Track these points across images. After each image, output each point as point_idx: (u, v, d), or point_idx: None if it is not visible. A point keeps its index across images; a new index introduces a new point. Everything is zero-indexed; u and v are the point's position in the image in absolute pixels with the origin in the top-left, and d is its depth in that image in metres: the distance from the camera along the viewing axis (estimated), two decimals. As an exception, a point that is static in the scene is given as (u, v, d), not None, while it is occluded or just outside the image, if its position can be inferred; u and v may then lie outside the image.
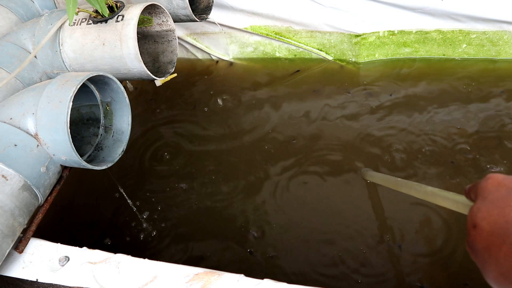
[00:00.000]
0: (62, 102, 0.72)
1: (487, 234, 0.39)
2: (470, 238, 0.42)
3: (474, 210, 0.43)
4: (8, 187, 0.70)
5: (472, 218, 0.42)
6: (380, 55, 1.47)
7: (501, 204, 0.40)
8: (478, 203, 0.43)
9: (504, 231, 0.38)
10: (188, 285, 0.65)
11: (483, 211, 0.41)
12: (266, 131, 1.35)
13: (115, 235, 1.17)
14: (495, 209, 0.40)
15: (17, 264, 0.75)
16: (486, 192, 0.43)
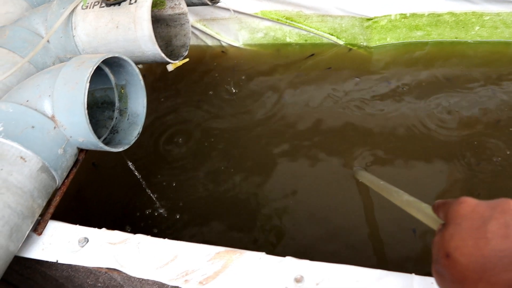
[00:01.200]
0: (79, 83, 0.72)
1: (461, 267, 0.38)
2: (441, 266, 0.40)
3: (446, 237, 0.41)
4: (27, 169, 0.70)
5: (445, 246, 0.40)
6: (392, 39, 1.45)
7: (476, 235, 0.38)
8: (451, 229, 0.41)
9: (481, 267, 0.36)
10: (209, 263, 0.65)
11: (456, 240, 0.39)
12: (276, 116, 1.34)
13: (130, 222, 1.17)
14: (470, 239, 0.38)
15: (36, 246, 0.75)
16: (459, 218, 0.41)
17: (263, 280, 0.62)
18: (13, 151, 0.69)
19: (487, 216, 0.39)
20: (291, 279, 0.62)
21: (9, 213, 0.66)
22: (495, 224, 0.38)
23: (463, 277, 0.37)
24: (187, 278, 0.65)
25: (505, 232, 0.37)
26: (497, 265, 0.35)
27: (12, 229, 0.67)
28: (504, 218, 0.38)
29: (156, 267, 0.67)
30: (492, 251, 0.36)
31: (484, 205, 0.41)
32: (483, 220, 0.39)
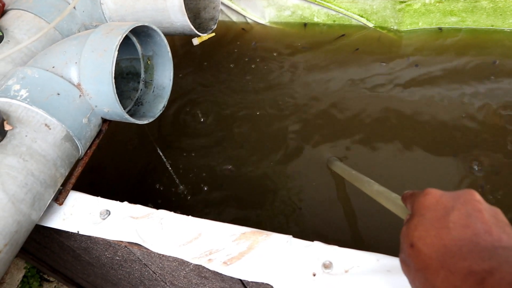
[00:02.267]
0: (107, 51, 0.69)
1: (424, 256, 0.39)
2: (407, 256, 0.41)
3: (411, 227, 0.42)
4: (51, 137, 0.69)
5: (409, 236, 0.41)
6: (424, 23, 1.40)
7: (439, 224, 0.39)
8: (415, 220, 0.42)
9: (442, 255, 0.37)
10: (234, 243, 0.63)
11: (420, 230, 0.41)
12: (300, 98, 1.31)
13: (150, 197, 1.16)
14: (433, 230, 0.39)
15: (57, 215, 0.74)
16: (423, 209, 0.42)
17: (290, 264, 0.60)
18: (38, 118, 0.67)
19: (450, 207, 0.40)
20: (319, 264, 0.60)
21: (32, 181, 0.64)
22: (456, 214, 0.39)
23: (425, 265, 0.38)
24: (211, 258, 0.63)
25: (466, 221, 0.38)
26: (456, 254, 0.36)
27: (35, 197, 0.65)
28: (466, 208, 0.39)
29: (179, 244, 0.65)
30: (453, 241, 0.37)
31: (448, 196, 0.42)
32: (446, 211, 0.40)
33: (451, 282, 0.35)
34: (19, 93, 0.68)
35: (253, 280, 0.61)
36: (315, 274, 0.59)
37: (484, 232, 0.37)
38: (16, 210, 0.62)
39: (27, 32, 0.84)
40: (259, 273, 0.61)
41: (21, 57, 0.81)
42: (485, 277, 0.33)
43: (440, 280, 0.36)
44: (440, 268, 0.37)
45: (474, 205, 0.40)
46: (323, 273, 0.59)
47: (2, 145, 0.63)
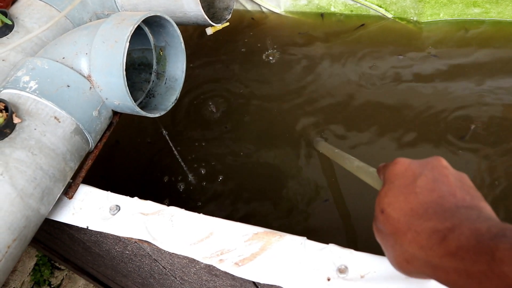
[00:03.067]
0: (118, 42, 0.67)
1: (393, 220, 0.41)
2: (378, 222, 0.44)
3: (382, 195, 0.44)
4: (61, 130, 0.67)
5: (380, 203, 0.43)
6: (446, 15, 1.34)
7: (407, 190, 0.41)
8: (386, 188, 0.44)
9: (409, 218, 0.39)
10: (246, 244, 0.61)
11: (389, 197, 0.43)
12: (307, 88, 1.28)
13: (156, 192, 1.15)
14: (401, 195, 0.42)
15: (66, 209, 0.73)
16: (393, 177, 0.44)
17: (304, 267, 0.58)
18: (47, 111, 0.66)
19: (418, 173, 0.42)
20: (334, 268, 0.57)
21: (41, 175, 0.63)
22: (424, 179, 0.41)
23: (395, 229, 0.40)
24: (222, 258, 0.61)
25: (432, 186, 0.40)
26: (422, 216, 0.38)
27: (44, 192, 0.64)
28: (433, 173, 0.42)
29: (190, 243, 0.63)
30: (419, 204, 0.39)
31: (416, 163, 0.44)
32: (414, 177, 0.42)
33: (417, 242, 0.38)
34: (28, 85, 0.66)
35: (265, 283, 0.59)
36: (330, 279, 0.57)
37: (448, 194, 0.39)
38: (25, 205, 0.61)
39: (38, 20, 0.82)
40: (272, 276, 0.59)
41: (31, 47, 0.79)
42: (446, 234, 0.35)
43: (408, 241, 0.39)
44: (407, 230, 0.39)
45: (441, 170, 0.42)
46: (338, 277, 0.57)
47: (10, 138, 0.62)
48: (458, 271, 0.33)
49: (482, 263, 0.31)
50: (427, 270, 0.37)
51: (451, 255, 0.34)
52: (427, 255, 0.36)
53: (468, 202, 0.39)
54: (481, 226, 0.34)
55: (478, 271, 0.31)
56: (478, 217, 0.36)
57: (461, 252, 0.33)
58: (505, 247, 0.30)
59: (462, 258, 0.33)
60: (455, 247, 0.34)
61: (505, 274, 0.29)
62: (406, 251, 0.39)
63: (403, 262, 0.40)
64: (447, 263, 0.34)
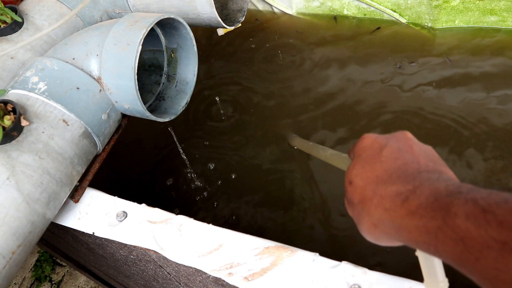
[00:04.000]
0: (131, 44, 0.65)
1: (360, 188, 0.43)
2: (348, 193, 0.45)
3: (350, 168, 0.46)
4: (69, 133, 0.65)
5: (349, 175, 0.45)
6: (461, 22, 1.32)
7: (372, 160, 0.43)
8: (354, 161, 0.46)
9: (375, 185, 0.41)
10: (257, 258, 0.60)
11: (357, 168, 0.44)
12: (322, 93, 1.26)
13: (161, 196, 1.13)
14: (367, 165, 0.43)
15: (72, 214, 0.71)
16: (360, 151, 0.46)
17: (316, 285, 0.56)
18: (55, 113, 0.64)
19: (383, 145, 0.44)
20: (347, 287, 0.56)
21: (48, 180, 0.61)
22: (389, 149, 0.43)
23: (362, 197, 0.42)
24: (231, 271, 0.60)
25: (397, 155, 0.42)
26: (387, 181, 0.40)
27: (50, 197, 0.62)
28: (398, 144, 0.44)
29: (198, 255, 0.62)
30: (384, 171, 0.41)
31: (382, 137, 0.46)
32: (380, 148, 0.44)
33: (382, 205, 0.39)
34: (37, 86, 0.64)
35: (275, 299, 0.58)
36: (342, 298, 0.55)
37: (412, 161, 0.41)
38: (31, 210, 0.60)
39: (48, 18, 0.80)
40: (282, 292, 0.57)
41: (40, 45, 0.77)
42: (408, 196, 0.37)
43: (374, 206, 0.40)
44: (373, 196, 0.41)
45: (406, 141, 0.44)
46: (350, 297, 0.55)
47: (18, 141, 0.60)
48: (418, 229, 0.35)
49: (438, 218, 0.33)
50: (393, 231, 0.39)
51: (411, 214, 0.36)
52: (391, 216, 0.38)
53: (430, 168, 0.40)
54: (439, 186, 0.36)
55: (435, 226, 0.33)
56: (438, 178, 0.37)
57: (420, 210, 0.35)
58: (459, 202, 0.32)
59: (421, 216, 0.35)
60: (415, 206, 0.36)
61: (458, 227, 0.31)
62: (373, 215, 0.41)
63: (371, 227, 0.41)
64: (409, 222, 0.36)
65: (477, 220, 0.30)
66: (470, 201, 0.31)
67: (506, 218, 0.29)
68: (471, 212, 0.31)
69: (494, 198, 0.30)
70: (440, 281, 0.44)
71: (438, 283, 0.44)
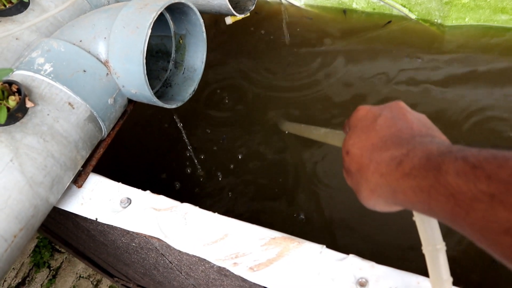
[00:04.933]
0: (140, 28, 0.64)
1: (357, 157, 0.44)
2: (345, 163, 0.47)
3: (346, 139, 0.47)
4: (74, 117, 0.64)
5: (345, 145, 0.47)
6: (471, 19, 1.30)
7: (368, 129, 0.45)
8: (350, 132, 0.47)
9: (370, 152, 0.43)
10: (263, 249, 0.59)
11: (353, 138, 0.46)
12: (329, 86, 1.24)
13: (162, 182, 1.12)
14: (363, 134, 0.45)
15: (75, 199, 0.70)
16: (356, 121, 0.48)
17: (322, 277, 0.55)
18: (61, 96, 0.63)
19: (378, 114, 0.45)
20: (354, 281, 0.55)
21: (52, 163, 0.60)
22: (383, 118, 0.44)
23: (359, 165, 0.44)
24: (236, 261, 0.59)
25: (391, 122, 0.44)
26: (382, 147, 0.42)
27: (54, 181, 0.61)
28: (392, 113, 0.45)
29: (203, 244, 0.61)
30: (379, 138, 0.43)
31: (376, 107, 0.47)
32: (374, 118, 0.45)
33: (378, 170, 0.41)
34: (43, 67, 0.63)
35: (280, 291, 0.57)
36: (349, 292, 0.54)
37: (406, 128, 0.42)
38: (34, 193, 0.58)
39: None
40: (288, 284, 0.56)
41: (46, 26, 0.76)
42: (402, 159, 0.38)
43: (371, 172, 0.42)
44: (369, 163, 0.42)
45: (399, 110, 0.45)
46: (357, 291, 0.54)
47: (22, 123, 0.59)
48: (412, 189, 0.36)
49: (431, 177, 0.34)
50: (389, 195, 0.40)
51: (406, 176, 0.37)
52: (387, 180, 0.40)
53: (423, 132, 0.42)
54: (432, 147, 0.37)
55: (428, 185, 0.34)
56: (431, 141, 0.39)
57: (414, 171, 0.36)
58: (449, 160, 0.33)
59: (414, 177, 0.36)
60: (409, 168, 0.37)
61: (449, 183, 0.32)
62: (370, 181, 0.42)
63: (369, 193, 0.43)
64: (403, 184, 0.37)
65: (467, 175, 0.31)
66: (460, 159, 0.33)
67: (494, 172, 0.30)
68: (461, 168, 0.32)
69: (483, 155, 0.31)
70: (444, 279, 0.44)
71: (443, 282, 0.44)
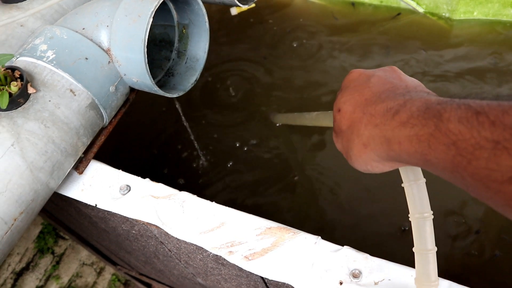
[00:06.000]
0: (142, 16, 0.64)
1: (349, 113, 0.44)
2: (336, 122, 0.46)
3: (338, 98, 0.47)
4: (76, 104, 0.65)
5: (337, 104, 0.46)
6: (480, 13, 1.29)
7: (361, 87, 0.44)
8: (342, 92, 0.47)
9: (363, 106, 0.42)
10: (258, 238, 0.59)
11: (345, 96, 0.45)
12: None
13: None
14: (355, 92, 0.44)
15: (76, 185, 0.71)
16: (348, 83, 0.47)
17: (316, 268, 0.56)
18: (63, 82, 0.64)
19: (371, 74, 0.45)
20: (348, 272, 0.55)
21: (53, 149, 0.61)
22: (376, 77, 0.44)
23: (351, 120, 0.43)
24: (231, 250, 0.59)
25: (385, 81, 0.43)
26: (376, 101, 0.41)
27: (54, 166, 0.62)
28: (385, 73, 0.45)
29: (200, 232, 0.61)
30: (373, 94, 0.42)
31: (369, 70, 0.47)
32: (368, 78, 0.45)
33: (372, 122, 0.40)
34: (45, 54, 0.64)
35: (274, 279, 0.57)
36: (342, 283, 0.55)
37: (400, 85, 0.42)
38: (34, 178, 0.59)
39: (60, -13, 0.79)
40: (282, 273, 0.57)
41: (51, 14, 0.76)
42: (399, 109, 0.37)
43: (364, 125, 0.41)
44: (362, 116, 0.42)
45: (393, 72, 0.45)
46: (350, 282, 0.55)
47: (24, 108, 0.60)
48: (409, 138, 0.35)
49: (430, 125, 0.33)
50: (383, 147, 0.39)
51: (402, 125, 0.36)
52: (381, 130, 0.39)
53: (419, 89, 0.41)
54: (430, 98, 0.36)
55: (427, 133, 0.33)
56: (428, 93, 0.39)
57: (412, 120, 0.35)
58: (451, 108, 0.32)
59: (412, 125, 0.35)
60: (406, 117, 0.36)
61: (450, 131, 0.31)
62: (362, 135, 0.41)
63: (361, 148, 0.42)
64: (399, 133, 0.36)
65: (469, 122, 0.30)
66: (462, 105, 0.31)
67: (498, 118, 0.28)
68: (463, 115, 0.31)
69: (487, 102, 0.30)
70: (429, 248, 0.44)
71: (428, 251, 0.44)
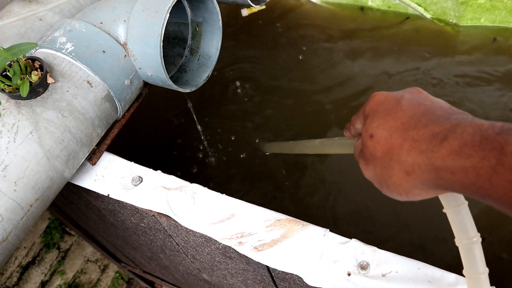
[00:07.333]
0: (159, 12, 0.66)
1: (385, 139, 0.40)
2: (368, 149, 0.42)
3: (368, 123, 0.43)
4: (92, 95, 0.66)
5: (368, 129, 0.43)
6: (487, 20, 1.30)
7: (393, 111, 0.41)
8: (370, 117, 0.43)
9: (402, 132, 0.39)
10: (268, 229, 0.60)
11: (377, 120, 0.42)
12: (338, 85, 1.26)
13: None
14: (388, 116, 0.41)
15: (89, 175, 0.72)
16: (375, 106, 0.44)
17: (325, 259, 0.57)
18: (80, 74, 0.65)
19: (399, 97, 0.42)
20: (355, 264, 0.56)
21: (69, 138, 0.63)
22: (406, 100, 0.41)
23: (388, 146, 0.40)
24: (241, 241, 0.61)
25: (416, 103, 0.40)
26: (417, 125, 0.38)
27: (70, 155, 0.64)
28: (413, 96, 0.42)
29: (210, 222, 0.63)
30: (409, 117, 0.39)
31: (394, 92, 0.44)
32: (397, 100, 0.42)
33: (417, 148, 0.37)
34: (64, 46, 0.66)
35: (283, 270, 0.58)
36: (350, 274, 0.56)
37: (435, 107, 0.39)
38: (50, 166, 0.61)
39: (77, -17, 0.81)
40: (291, 264, 0.58)
41: (69, 9, 0.78)
42: (447, 135, 0.34)
43: (406, 151, 0.38)
44: (403, 141, 0.38)
45: (420, 94, 0.43)
46: (358, 273, 0.56)
47: (43, 98, 0.61)
48: (464, 170, 0.32)
49: (491, 159, 0.30)
50: (430, 175, 0.36)
51: (455, 154, 0.33)
52: (429, 158, 0.35)
53: (455, 111, 0.38)
54: (482, 123, 0.33)
55: (488, 167, 0.30)
56: (474, 118, 0.35)
57: (466, 149, 0.32)
58: None
59: (468, 156, 0.32)
60: (459, 145, 0.33)
61: None
62: (405, 162, 0.38)
63: (403, 176, 0.38)
64: (452, 163, 0.33)
65: None
66: None
67: None
68: None
69: None
70: (481, 272, 0.41)
71: (480, 275, 0.41)
